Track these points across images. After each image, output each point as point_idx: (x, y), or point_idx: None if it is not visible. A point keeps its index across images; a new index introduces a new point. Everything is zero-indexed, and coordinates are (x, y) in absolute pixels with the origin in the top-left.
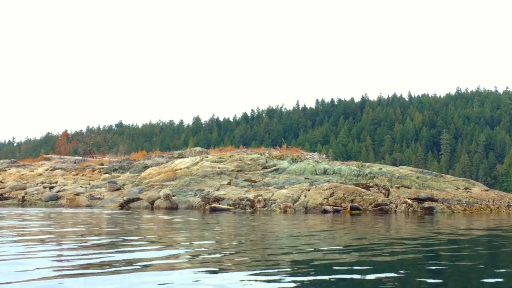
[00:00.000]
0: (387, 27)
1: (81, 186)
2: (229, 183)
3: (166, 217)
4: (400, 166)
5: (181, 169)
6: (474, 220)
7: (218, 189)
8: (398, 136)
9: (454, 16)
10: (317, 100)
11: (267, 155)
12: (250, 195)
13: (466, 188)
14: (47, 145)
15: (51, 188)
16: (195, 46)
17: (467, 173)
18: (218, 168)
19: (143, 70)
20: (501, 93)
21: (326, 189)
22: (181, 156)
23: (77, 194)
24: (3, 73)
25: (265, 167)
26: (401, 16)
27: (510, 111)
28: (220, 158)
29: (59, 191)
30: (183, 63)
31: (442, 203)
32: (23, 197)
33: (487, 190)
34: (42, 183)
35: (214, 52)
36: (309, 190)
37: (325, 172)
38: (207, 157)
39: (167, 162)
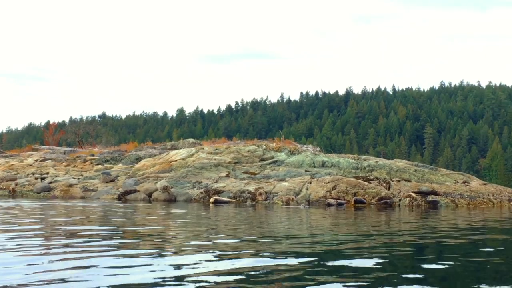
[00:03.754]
0: (372, 20)
1: (74, 177)
2: (227, 175)
3: (203, 213)
4: (395, 159)
5: (176, 160)
6: (494, 213)
7: (217, 181)
8: (382, 130)
9: (438, 10)
10: (301, 92)
11: (264, 147)
12: (251, 188)
13: (464, 182)
14: (29, 136)
15: (42, 179)
16: (178, 38)
17: (450, 167)
18: (215, 159)
19: (127, 60)
20: (484, 87)
21: (328, 182)
22: (174, 148)
23: (70, 186)
24: None
25: (262, 159)
26: (386, 9)
27: (492, 105)
28: (216, 149)
29: (51, 182)
30: (167, 54)
31: (446, 197)
32: (13, 188)
33: (485, 184)
34: (33, 174)
35: (199, 43)
36: (310, 183)
37: (323, 164)
38: (203, 148)
39: (160, 153)
